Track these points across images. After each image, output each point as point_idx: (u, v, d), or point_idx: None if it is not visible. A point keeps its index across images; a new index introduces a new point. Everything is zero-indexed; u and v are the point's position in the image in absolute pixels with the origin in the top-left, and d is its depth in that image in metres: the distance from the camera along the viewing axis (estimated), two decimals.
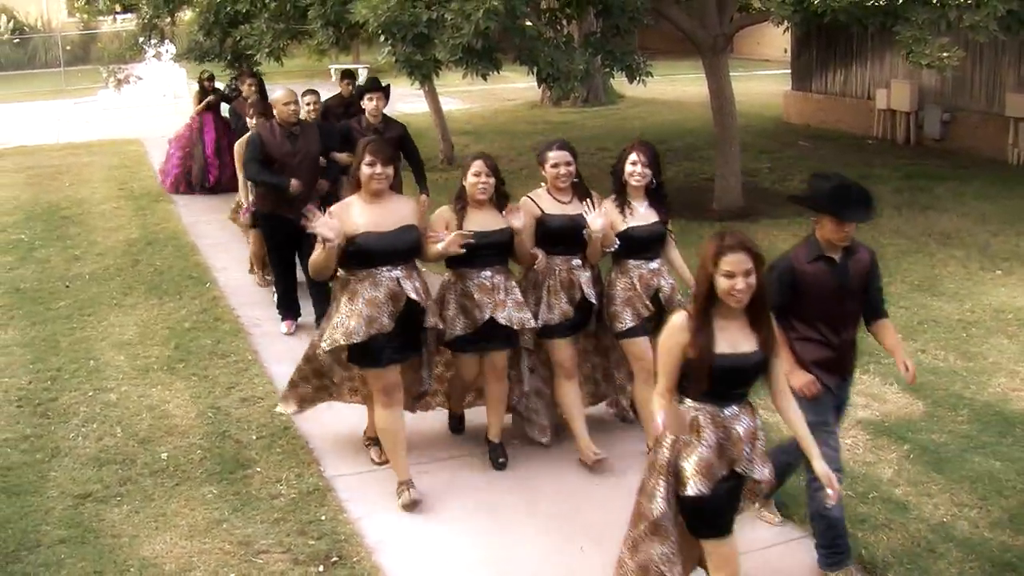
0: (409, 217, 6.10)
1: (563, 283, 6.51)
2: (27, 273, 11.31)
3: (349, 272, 6.06)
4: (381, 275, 5.95)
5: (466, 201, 6.33)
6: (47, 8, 38.72)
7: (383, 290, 5.94)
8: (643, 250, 6.53)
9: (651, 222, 6.55)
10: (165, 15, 15.57)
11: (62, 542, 5.82)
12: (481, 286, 6.32)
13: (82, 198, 15.22)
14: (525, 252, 6.43)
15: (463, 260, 6.22)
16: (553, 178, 6.49)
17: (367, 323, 5.89)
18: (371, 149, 5.98)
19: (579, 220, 6.32)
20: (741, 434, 4.40)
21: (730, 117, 12.93)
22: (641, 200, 6.57)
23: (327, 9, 11.02)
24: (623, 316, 6.47)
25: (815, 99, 19.88)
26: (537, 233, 6.47)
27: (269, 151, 8.89)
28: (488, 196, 6.32)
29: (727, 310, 4.32)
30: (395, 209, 6.07)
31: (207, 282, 10.78)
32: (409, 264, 6.09)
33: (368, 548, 5.71)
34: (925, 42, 9.69)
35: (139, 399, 7.82)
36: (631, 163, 6.49)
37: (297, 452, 6.88)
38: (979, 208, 12.62)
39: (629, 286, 6.48)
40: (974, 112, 16.26)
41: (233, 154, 14.32)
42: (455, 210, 6.33)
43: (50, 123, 23.03)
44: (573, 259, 6.54)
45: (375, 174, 5.95)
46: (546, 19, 12.51)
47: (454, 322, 6.34)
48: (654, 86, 14.87)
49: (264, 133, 9.04)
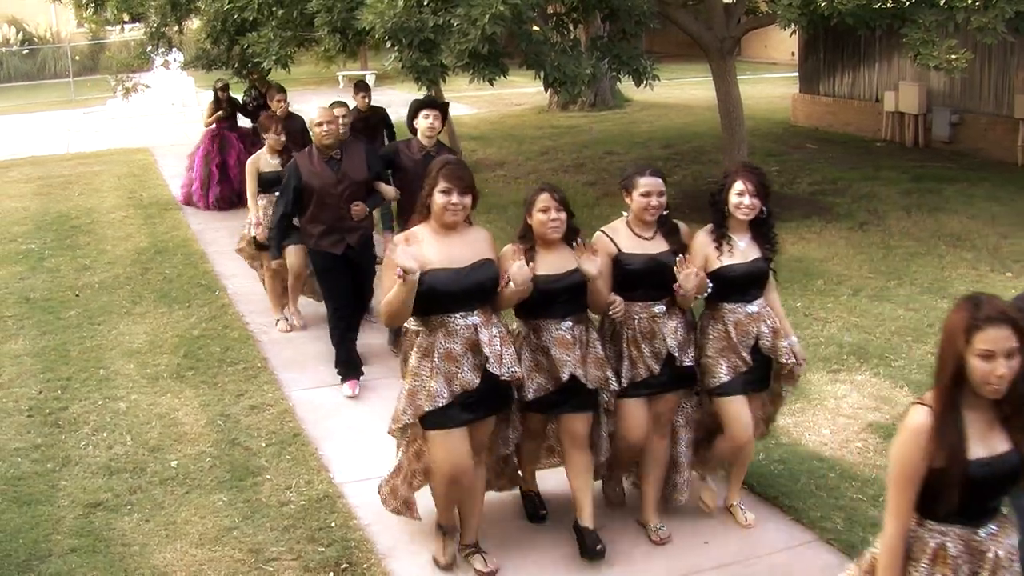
0: (486, 250, 5.28)
1: (644, 333, 5.61)
2: (37, 283, 11.34)
3: (417, 321, 5.29)
4: (456, 323, 5.13)
5: (534, 241, 5.47)
6: (56, 19, 38.85)
7: (460, 340, 5.12)
8: (740, 292, 5.66)
9: (751, 259, 5.68)
10: (173, 23, 15.59)
11: (73, 551, 5.83)
12: (560, 340, 5.44)
13: (91, 207, 15.25)
14: (601, 299, 5.51)
15: (538, 309, 5.44)
16: (641, 209, 5.60)
17: (448, 380, 5.10)
18: (447, 174, 5.17)
19: (664, 259, 5.54)
20: (1001, 558, 3.50)
21: (738, 120, 12.92)
22: (743, 234, 5.72)
23: (334, 16, 11.03)
24: (716, 369, 5.63)
25: (823, 102, 19.85)
26: (613, 274, 5.58)
27: (307, 181, 7.91)
28: (561, 234, 5.47)
29: (974, 400, 3.42)
30: (469, 241, 5.26)
31: (216, 290, 10.79)
32: (487, 308, 5.24)
33: (379, 554, 5.71)
34: (933, 44, 9.67)
35: (149, 407, 7.83)
36: (737, 193, 5.62)
37: (307, 459, 6.88)
38: (988, 210, 12.58)
39: (723, 334, 5.65)
40: (983, 114, 16.22)
41: None
42: (523, 251, 5.42)
43: (59, 133, 23.09)
44: (655, 305, 5.62)
45: (451, 204, 5.14)
46: (553, 23, 12.51)
47: (528, 382, 5.48)
48: (661, 90, 14.87)
49: (301, 160, 8.04)
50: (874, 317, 8.95)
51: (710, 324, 5.71)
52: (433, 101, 8.50)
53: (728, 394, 5.65)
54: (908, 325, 8.74)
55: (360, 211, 7.94)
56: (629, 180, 5.68)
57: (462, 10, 9.59)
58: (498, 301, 5.29)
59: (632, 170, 5.76)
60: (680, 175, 15.77)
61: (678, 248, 5.60)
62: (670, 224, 5.73)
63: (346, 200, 7.93)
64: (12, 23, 38.55)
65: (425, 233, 5.23)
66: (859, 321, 8.93)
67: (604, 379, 5.52)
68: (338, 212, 7.90)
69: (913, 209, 12.72)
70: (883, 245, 11.24)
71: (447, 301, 5.10)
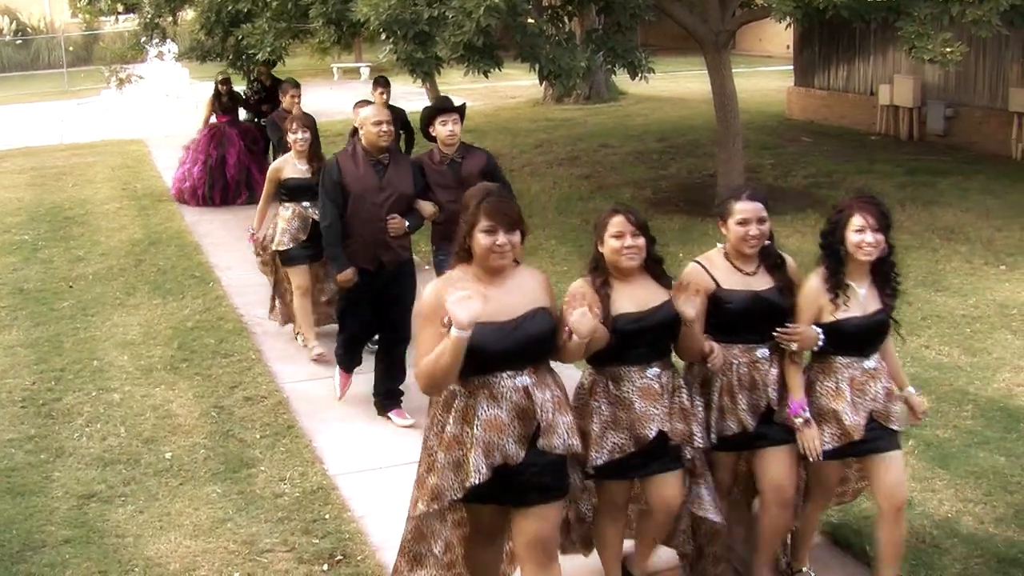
0: (539, 297, 4.36)
1: (743, 382, 4.88)
2: (31, 274, 11.32)
3: (456, 381, 4.30)
4: (503, 384, 4.23)
5: (607, 273, 4.69)
6: (50, 9, 38.74)
7: (507, 406, 4.22)
8: (857, 346, 4.88)
9: (872, 311, 4.85)
10: (167, 14, 15.53)
11: (67, 542, 5.83)
12: (646, 390, 4.66)
13: (85, 198, 15.23)
14: (695, 345, 4.76)
15: (617, 354, 4.62)
16: (740, 239, 4.84)
17: (486, 453, 4.22)
18: (489, 209, 4.22)
19: (769, 298, 4.84)
20: None
21: (732, 114, 12.91)
22: (862, 279, 4.87)
23: (328, 8, 11.01)
24: (823, 430, 4.86)
25: (818, 95, 19.85)
26: (710, 314, 4.79)
27: (346, 182, 7.04)
28: (639, 263, 4.69)
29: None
30: (519, 287, 4.33)
31: (210, 281, 10.78)
32: (542, 366, 4.36)
33: (372, 546, 5.72)
34: (928, 37, 9.66)
35: (143, 399, 7.82)
36: (857, 230, 4.77)
37: (301, 451, 6.88)
38: (983, 203, 12.60)
39: (833, 390, 4.87)
40: (977, 107, 16.23)
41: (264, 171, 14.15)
42: (595, 286, 4.64)
43: (53, 124, 23.04)
44: (758, 349, 4.89)
45: (496, 246, 4.20)
46: (548, 16, 12.49)
47: (602, 442, 4.66)
48: (656, 83, 14.87)
49: (344, 161, 7.14)
50: None
51: (820, 378, 4.92)
52: (449, 104, 7.59)
53: (832, 458, 4.93)
54: (902, 318, 8.63)
55: (398, 225, 7.04)
56: (724, 206, 4.94)
57: (457, 2, 9.58)
58: (564, 354, 4.42)
59: (727, 194, 5.08)
60: (675, 168, 15.80)
61: (784, 285, 4.90)
62: (775, 256, 4.97)
63: (386, 211, 7.03)
64: (6, 13, 38.45)
65: (466, 278, 4.28)
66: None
67: (688, 434, 4.76)
68: (376, 224, 7.02)
69: (907, 202, 12.73)
70: None
71: (493, 360, 4.20)
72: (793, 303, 4.89)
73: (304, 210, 8.49)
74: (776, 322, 4.83)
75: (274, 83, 14.42)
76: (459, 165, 7.35)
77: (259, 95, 14.30)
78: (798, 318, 4.84)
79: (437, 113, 7.43)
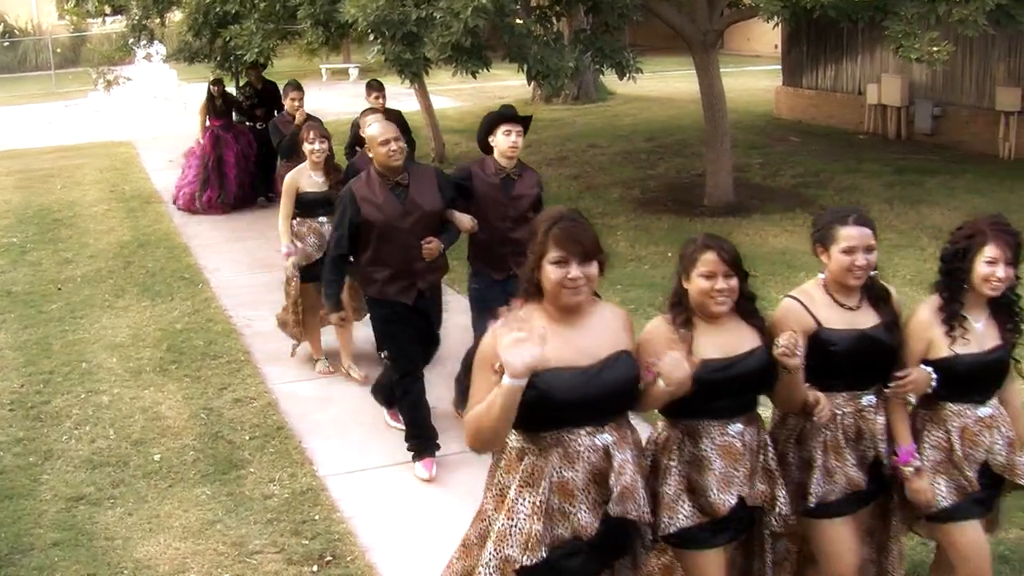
0: (620, 338, 3.78)
1: (848, 434, 4.24)
2: (19, 276, 11.29)
3: (522, 436, 3.68)
4: (580, 442, 3.63)
5: (691, 311, 4.01)
6: (37, 11, 38.66)
7: (583, 468, 3.63)
8: (971, 389, 4.28)
9: (989, 348, 4.26)
10: (154, 16, 15.55)
11: (55, 545, 5.82)
12: (727, 449, 3.97)
13: (73, 201, 15.19)
14: (797, 395, 4.08)
15: (697, 406, 3.90)
16: (844, 270, 4.18)
17: (550, 520, 3.63)
18: (560, 237, 3.62)
19: (876, 336, 4.21)
20: None
21: (721, 113, 12.94)
22: (980, 312, 4.31)
23: (316, 9, 11.03)
24: (934, 488, 4.26)
25: (806, 94, 19.89)
26: (810, 356, 4.05)
27: (367, 215, 6.33)
28: (730, 308, 4.01)
29: None
30: (597, 326, 3.75)
31: (199, 283, 10.77)
32: (622, 420, 3.77)
33: (362, 547, 5.71)
34: (915, 37, 9.70)
35: (132, 401, 7.81)
36: (988, 262, 4.19)
37: (290, 452, 6.87)
38: (970, 202, 12.63)
39: (944, 441, 4.29)
40: (964, 106, 16.29)
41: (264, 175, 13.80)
42: (675, 325, 3.99)
43: (41, 126, 22.99)
44: (864, 396, 4.27)
45: (568, 279, 3.60)
46: (535, 16, 12.51)
47: (676, 506, 3.95)
48: (645, 83, 14.90)
49: (359, 188, 6.40)
50: None
51: (928, 428, 4.33)
52: (514, 114, 6.83)
53: (956, 520, 4.28)
54: None
55: (433, 249, 6.38)
56: (825, 231, 4.26)
57: (444, 3, 9.60)
58: (643, 403, 3.84)
59: (828, 217, 4.34)
60: (663, 167, 15.82)
61: (891, 320, 4.29)
62: (878, 288, 4.34)
63: (417, 236, 6.38)
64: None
65: (535, 318, 3.63)
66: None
67: (770, 497, 4.07)
68: (407, 252, 6.35)
69: (895, 201, 12.78)
70: None
71: (570, 412, 3.61)
72: (901, 341, 4.29)
73: (320, 226, 8.01)
74: (884, 364, 4.23)
75: (265, 86, 14.42)
76: (514, 182, 6.73)
77: (251, 99, 14.24)
78: (906, 356, 4.26)
79: (501, 121, 6.71)
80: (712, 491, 3.94)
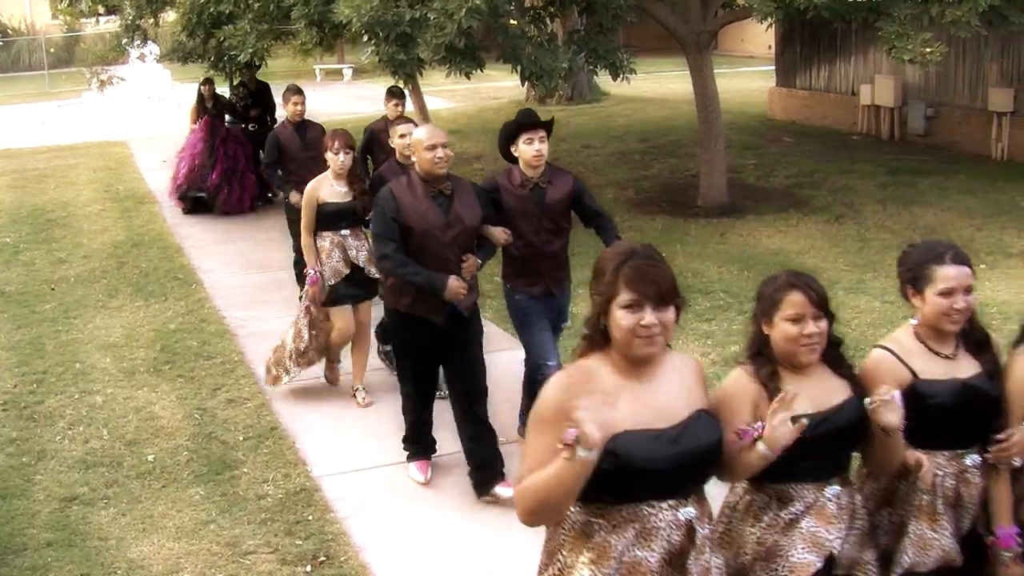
0: (696, 395, 3.29)
1: (947, 499, 3.78)
2: (12, 276, 11.28)
3: (588, 508, 3.17)
4: (660, 517, 3.14)
5: (776, 362, 3.56)
6: (30, 11, 38.60)
7: (660, 547, 3.14)
8: None
9: None
10: (148, 16, 15.52)
11: (49, 545, 5.81)
12: (819, 510, 3.53)
13: (67, 201, 15.17)
14: (896, 456, 3.63)
15: (782, 468, 3.42)
16: (941, 314, 3.78)
17: None
18: (632, 277, 3.12)
19: (979, 386, 3.78)
20: None
21: (714, 114, 12.96)
22: None
23: (310, 9, 11.03)
24: None
25: (800, 95, 19.91)
26: (907, 412, 3.50)
27: (408, 220, 5.89)
28: (820, 354, 3.57)
29: None
30: (670, 380, 3.25)
31: (193, 284, 10.76)
32: (702, 492, 3.30)
33: (355, 547, 5.71)
34: (908, 37, 9.73)
35: (125, 401, 7.80)
36: None
37: (284, 452, 6.87)
38: (963, 202, 12.66)
39: None
40: (957, 107, 16.31)
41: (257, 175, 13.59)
42: (759, 377, 3.53)
43: (34, 126, 22.94)
44: (967, 455, 3.81)
45: (642, 327, 3.09)
46: (529, 17, 12.52)
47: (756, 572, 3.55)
48: (639, 83, 14.92)
49: (400, 193, 5.97)
50: (851, 309, 8.99)
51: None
52: (535, 119, 6.38)
53: None
54: (884, 317, 8.78)
55: (472, 267, 5.98)
56: (918, 271, 3.83)
57: (438, 4, 9.61)
58: (732, 471, 3.43)
59: (920, 255, 3.89)
60: (657, 168, 15.83)
61: (993, 368, 3.86)
62: (977, 333, 3.91)
63: (455, 250, 5.96)
64: None
65: (604, 370, 3.19)
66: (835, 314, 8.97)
67: (862, 562, 3.61)
68: (444, 266, 5.88)
69: (888, 202, 12.80)
70: (859, 238, 11.30)
71: (651, 483, 3.12)
72: (1003, 392, 3.82)
73: (344, 239, 7.45)
74: (988, 418, 3.79)
75: (259, 87, 14.39)
76: (544, 191, 6.26)
77: (244, 100, 14.18)
78: (1009, 413, 3.79)
79: (521, 129, 6.28)
80: (796, 551, 3.47)
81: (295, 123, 10.03)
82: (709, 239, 11.57)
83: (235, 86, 14.60)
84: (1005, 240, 11.07)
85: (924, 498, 3.74)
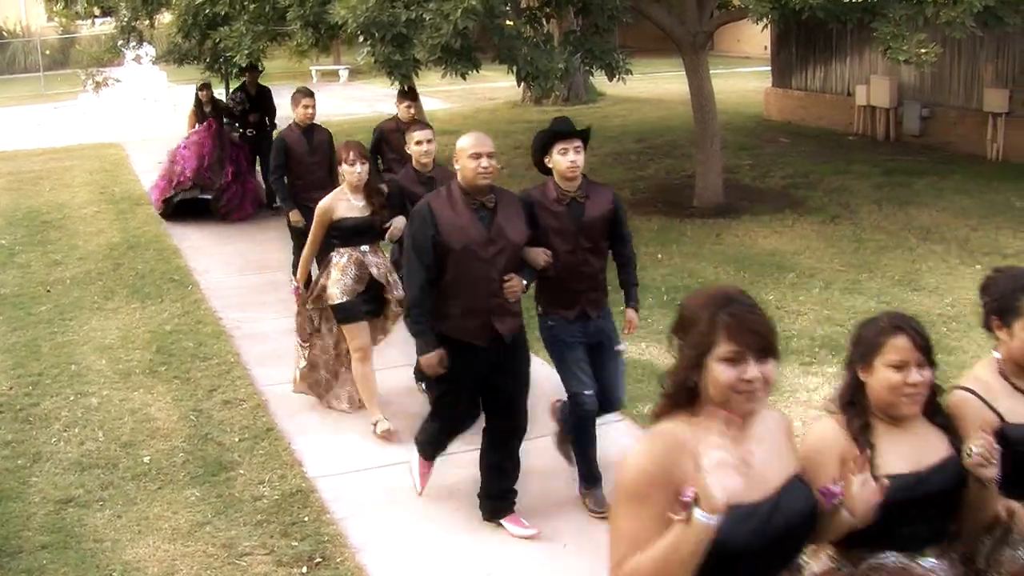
0: (789, 458, 2.90)
1: None
2: (8, 278, 11.27)
3: None
4: None
5: (869, 412, 3.17)
6: (26, 12, 38.57)
7: None
8: None
9: None
10: (144, 17, 15.50)
11: (44, 547, 5.80)
12: None
13: (63, 202, 15.16)
14: (990, 509, 3.24)
15: (875, 534, 3.04)
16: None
17: None
18: (732, 327, 2.70)
19: None
20: None
21: (710, 114, 12.97)
22: None
23: (306, 10, 11.02)
24: None
25: (795, 96, 19.93)
26: None
27: (446, 238, 5.47)
28: (922, 405, 3.17)
29: None
30: (766, 443, 2.84)
31: (189, 285, 10.75)
32: (795, 566, 2.95)
33: (352, 549, 5.71)
34: (903, 38, 9.75)
35: (121, 403, 7.79)
36: None
37: (280, 454, 6.86)
38: (958, 203, 12.68)
39: None
40: (953, 108, 16.33)
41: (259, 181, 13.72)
42: (850, 429, 3.15)
43: (30, 128, 22.94)
44: None
45: (744, 382, 2.69)
46: (525, 18, 12.53)
47: None
48: (635, 84, 14.93)
49: (439, 207, 5.53)
50: (846, 310, 9.01)
51: None
52: (570, 127, 5.87)
53: None
54: None
55: (516, 287, 5.53)
56: (1008, 302, 3.48)
57: (434, 5, 9.61)
58: (821, 530, 2.98)
59: (1010, 283, 3.55)
60: (653, 168, 15.85)
61: None
62: None
63: (498, 269, 5.52)
64: None
65: (689, 429, 2.74)
66: (831, 314, 8.99)
67: None
68: (488, 286, 5.50)
69: (884, 202, 12.81)
70: (854, 238, 11.32)
71: (747, 564, 2.70)
72: None
73: (362, 255, 7.13)
74: None
75: (260, 91, 14.31)
76: (582, 206, 5.81)
77: (243, 104, 14.07)
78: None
79: (556, 139, 5.78)
80: None
81: (303, 127, 9.69)
82: (705, 239, 11.58)
83: (234, 90, 14.55)
84: (1001, 240, 11.08)
85: (1016, 554, 3.25)
